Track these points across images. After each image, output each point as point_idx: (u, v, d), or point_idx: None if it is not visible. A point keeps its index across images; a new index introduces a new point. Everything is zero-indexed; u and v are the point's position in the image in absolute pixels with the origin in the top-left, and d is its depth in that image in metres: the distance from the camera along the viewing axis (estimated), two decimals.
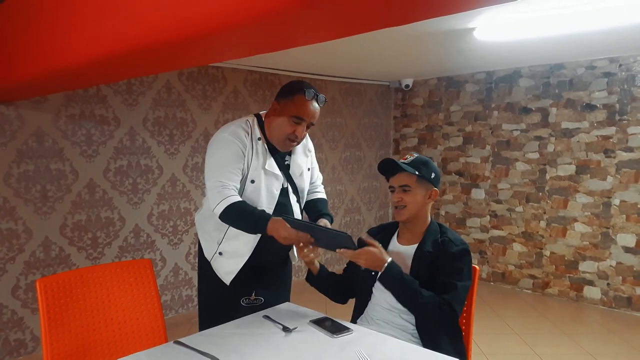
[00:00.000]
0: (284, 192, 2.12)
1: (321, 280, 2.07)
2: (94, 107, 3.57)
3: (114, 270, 2.09)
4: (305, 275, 2.11)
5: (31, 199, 3.31)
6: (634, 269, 4.24)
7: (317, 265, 2.06)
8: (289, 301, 2.27)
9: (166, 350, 1.62)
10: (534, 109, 4.84)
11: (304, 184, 2.21)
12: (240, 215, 1.94)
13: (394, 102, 6.07)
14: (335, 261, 5.43)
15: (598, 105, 4.42)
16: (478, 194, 5.31)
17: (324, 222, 2.11)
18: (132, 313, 2.08)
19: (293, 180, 2.15)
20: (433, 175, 1.91)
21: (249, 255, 2.07)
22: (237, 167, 1.99)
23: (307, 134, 2.20)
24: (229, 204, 1.92)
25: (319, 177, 2.40)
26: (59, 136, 3.41)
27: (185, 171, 4.10)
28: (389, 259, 1.78)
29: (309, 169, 2.25)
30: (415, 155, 1.94)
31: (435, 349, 1.67)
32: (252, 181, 2.02)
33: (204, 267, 2.21)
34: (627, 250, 4.29)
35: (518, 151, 4.97)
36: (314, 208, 2.27)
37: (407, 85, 5.71)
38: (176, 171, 4.04)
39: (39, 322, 1.80)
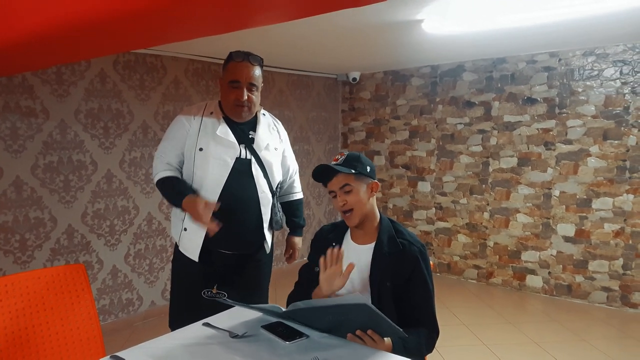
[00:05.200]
0: (244, 163, 2.21)
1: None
2: (20, 98, 3.27)
3: (43, 277, 1.91)
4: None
5: None
6: (574, 257, 4.40)
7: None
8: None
9: None
10: (477, 102, 4.92)
11: (272, 158, 2.29)
12: (167, 188, 2.20)
13: (341, 95, 6.02)
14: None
15: (538, 99, 4.54)
16: (424, 186, 5.35)
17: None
18: (65, 324, 1.90)
19: (257, 154, 2.23)
20: (369, 168, 1.86)
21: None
22: (177, 140, 2.21)
23: (280, 122, 2.44)
24: (160, 177, 2.20)
25: (294, 170, 2.53)
26: None
27: (122, 167, 3.85)
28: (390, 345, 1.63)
29: (276, 149, 2.34)
30: (346, 153, 1.88)
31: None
32: (201, 149, 2.17)
33: (174, 257, 2.33)
34: (567, 239, 4.44)
35: (462, 144, 5.04)
36: (289, 212, 2.49)
37: (354, 79, 5.68)
38: (112, 167, 3.79)
39: None
